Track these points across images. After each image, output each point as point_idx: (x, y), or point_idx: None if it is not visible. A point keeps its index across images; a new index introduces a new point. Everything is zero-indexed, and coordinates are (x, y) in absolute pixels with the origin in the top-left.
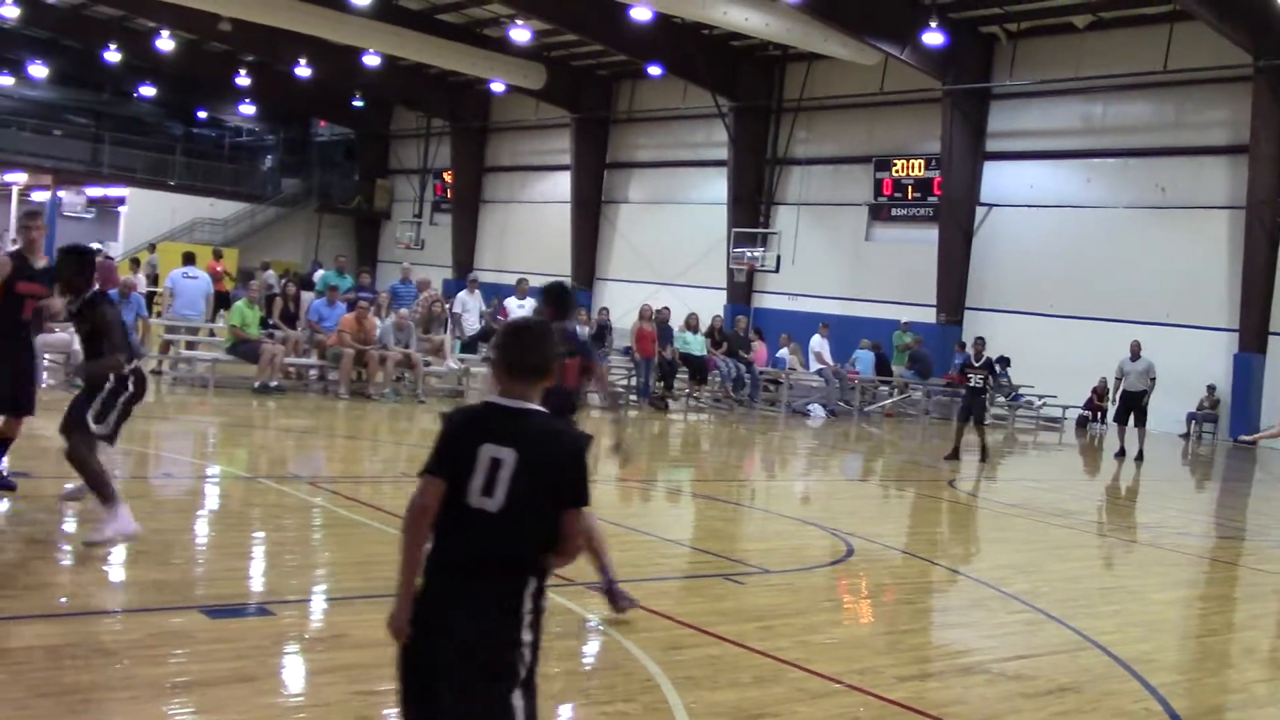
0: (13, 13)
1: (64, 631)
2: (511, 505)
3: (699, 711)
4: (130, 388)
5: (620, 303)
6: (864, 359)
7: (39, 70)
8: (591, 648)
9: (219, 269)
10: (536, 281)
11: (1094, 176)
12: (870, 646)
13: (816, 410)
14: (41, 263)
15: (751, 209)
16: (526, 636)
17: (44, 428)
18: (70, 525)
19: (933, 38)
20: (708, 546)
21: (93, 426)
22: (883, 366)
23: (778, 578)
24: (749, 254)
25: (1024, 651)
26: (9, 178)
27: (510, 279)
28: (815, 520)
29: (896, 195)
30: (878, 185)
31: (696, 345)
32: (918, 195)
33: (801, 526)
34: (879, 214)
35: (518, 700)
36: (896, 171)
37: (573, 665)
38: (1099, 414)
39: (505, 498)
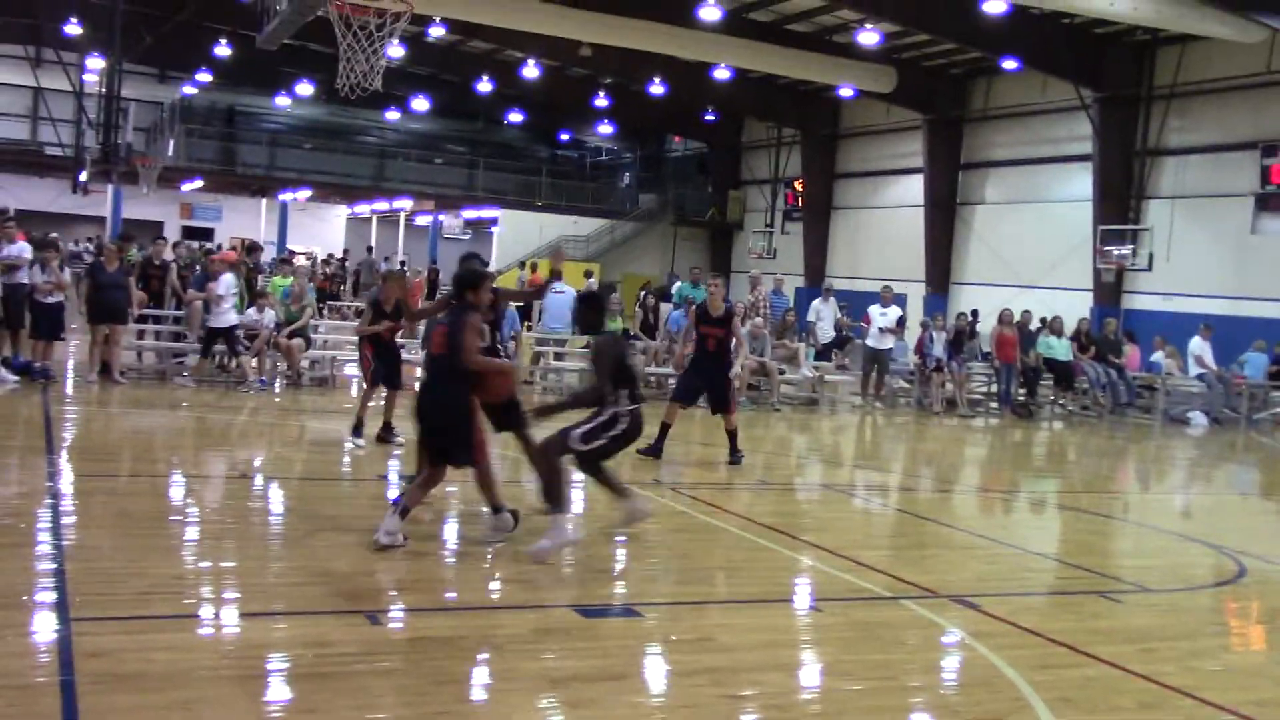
0: (398, 52)
1: (454, 625)
2: None
3: None
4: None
5: (978, 307)
6: (1254, 361)
7: (420, 104)
8: (956, 662)
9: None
10: (898, 289)
11: None
12: (1269, 676)
13: (1198, 418)
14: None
15: (1119, 204)
16: None
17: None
18: (454, 525)
19: None
20: (1079, 561)
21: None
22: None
23: (1159, 597)
24: (1117, 252)
25: None
26: (398, 204)
27: (863, 285)
28: (1199, 536)
29: None
30: (1265, 173)
31: (1061, 350)
32: None
33: (1183, 543)
34: (1267, 204)
35: None
36: None
37: (937, 679)
38: None
39: None
